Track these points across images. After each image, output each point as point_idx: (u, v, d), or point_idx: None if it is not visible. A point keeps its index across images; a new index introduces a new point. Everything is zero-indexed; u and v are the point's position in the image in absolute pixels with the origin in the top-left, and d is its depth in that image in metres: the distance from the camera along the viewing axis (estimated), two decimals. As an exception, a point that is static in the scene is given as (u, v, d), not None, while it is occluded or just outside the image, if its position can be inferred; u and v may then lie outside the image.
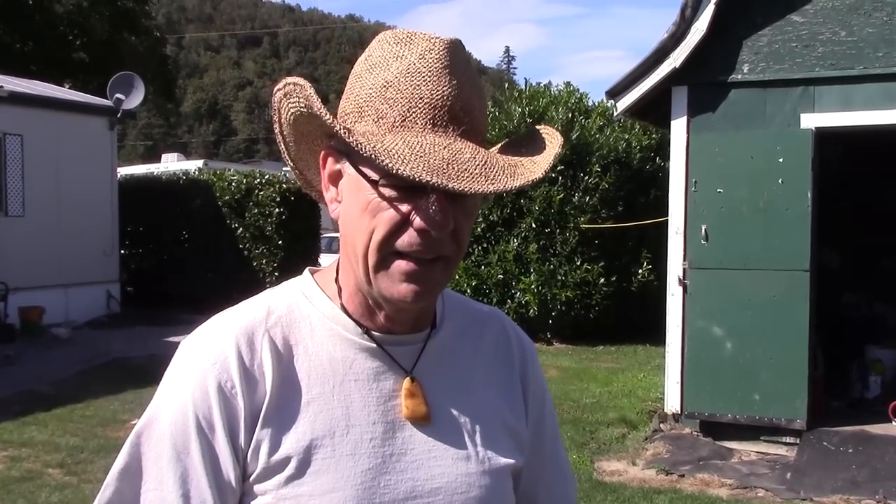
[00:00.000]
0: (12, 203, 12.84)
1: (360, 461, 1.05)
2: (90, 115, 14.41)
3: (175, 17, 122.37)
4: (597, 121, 12.53)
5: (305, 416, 1.05)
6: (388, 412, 1.09)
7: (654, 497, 5.66)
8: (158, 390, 1.09)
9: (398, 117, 1.01)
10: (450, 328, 1.18)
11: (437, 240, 1.02)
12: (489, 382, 1.19)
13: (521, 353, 1.26)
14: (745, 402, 6.74)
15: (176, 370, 1.09)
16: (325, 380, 1.07)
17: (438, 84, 1.02)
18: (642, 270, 12.07)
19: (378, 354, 1.10)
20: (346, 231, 1.07)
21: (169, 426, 1.05)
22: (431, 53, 1.03)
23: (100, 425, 7.55)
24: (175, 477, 1.04)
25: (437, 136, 1.00)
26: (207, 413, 1.04)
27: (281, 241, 14.97)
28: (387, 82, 1.03)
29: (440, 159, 0.97)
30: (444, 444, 1.11)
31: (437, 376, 1.13)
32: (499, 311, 1.31)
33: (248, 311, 1.11)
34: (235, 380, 1.04)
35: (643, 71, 7.04)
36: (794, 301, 6.58)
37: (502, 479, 1.15)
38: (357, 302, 1.11)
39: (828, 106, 6.59)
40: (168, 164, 20.98)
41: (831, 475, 5.99)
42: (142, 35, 29.04)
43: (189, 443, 1.04)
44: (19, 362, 10.45)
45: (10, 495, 5.70)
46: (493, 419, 1.17)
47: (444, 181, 0.95)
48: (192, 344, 1.10)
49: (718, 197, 6.82)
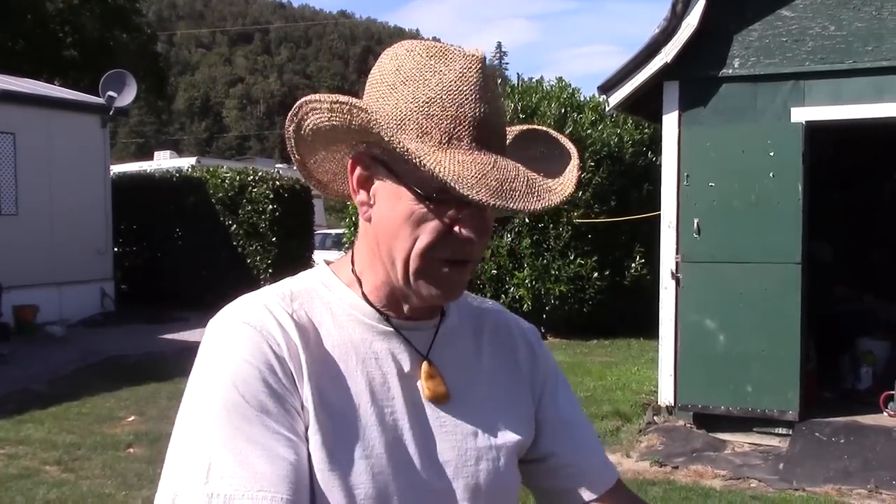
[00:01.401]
0: (5, 202, 12.82)
1: (384, 433, 1.11)
2: (82, 113, 14.39)
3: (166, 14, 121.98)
4: (589, 116, 12.56)
5: (334, 388, 1.10)
6: (405, 390, 1.15)
7: (648, 489, 5.71)
8: (205, 366, 1.09)
9: (444, 135, 1.05)
10: (455, 315, 1.26)
11: (475, 246, 1.11)
12: (493, 364, 1.27)
13: (521, 333, 1.34)
14: (737, 394, 6.79)
15: (219, 342, 1.10)
16: (347, 357, 1.13)
17: (479, 103, 1.07)
18: (635, 265, 12.13)
19: (395, 338, 1.17)
20: (382, 234, 1.12)
21: (238, 390, 1.05)
22: (470, 71, 1.08)
23: (96, 422, 7.57)
24: (266, 430, 1.04)
25: (482, 154, 1.06)
26: (270, 370, 1.07)
27: (275, 237, 14.99)
28: (430, 98, 1.06)
29: (495, 180, 1.03)
30: (455, 421, 1.18)
31: (448, 358, 1.20)
32: (497, 303, 1.39)
33: (272, 293, 1.16)
34: (281, 342, 1.08)
35: (635, 66, 7.07)
36: (786, 294, 6.63)
37: (509, 454, 1.22)
38: (381, 293, 1.17)
39: (818, 100, 6.64)
40: (161, 162, 20.94)
41: (823, 465, 6.05)
42: (133, 32, 29.00)
43: (265, 400, 1.05)
44: (14, 361, 10.46)
45: (9, 492, 5.72)
46: (499, 398, 1.24)
47: (504, 203, 1.02)
48: (227, 318, 1.12)
49: (710, 191, 6.86)
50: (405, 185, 1.08)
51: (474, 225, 1.08)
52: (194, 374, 1.10)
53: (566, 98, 12.92)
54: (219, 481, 1.01)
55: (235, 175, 15.42)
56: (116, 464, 6.34)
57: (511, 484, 1.23)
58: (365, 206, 1.14)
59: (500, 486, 1.20)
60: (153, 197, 15.69)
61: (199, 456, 1.03)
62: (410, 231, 1.08)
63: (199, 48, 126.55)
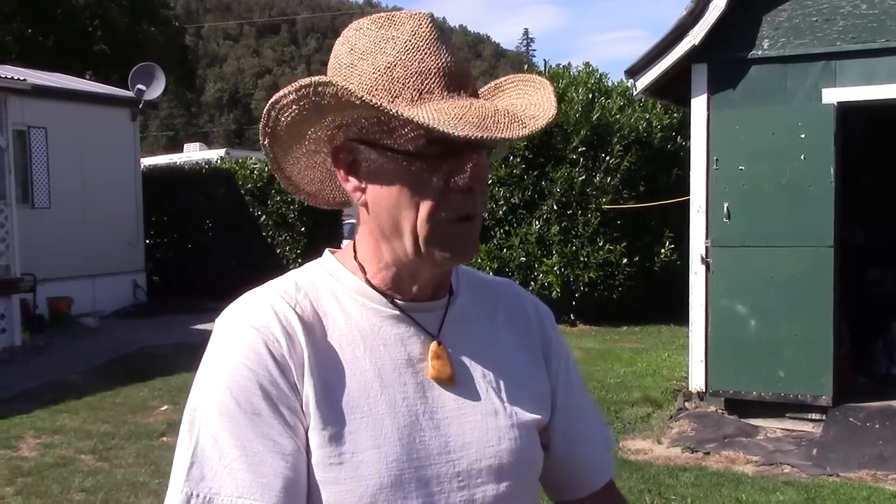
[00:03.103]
0: (38, 195, 13.00)
1: (396, 419, 1.09)
2: (112, 107, 14.55)
3: (193, 7, 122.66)
4: (617, 101, 12.47)
5: (341, 379, 1.09)
6: (418, 374, 1.13)
7: (679, 475, 5.68)
8: (205, 367, 1.10)
9: (414, 92, 1.05)
10: (466, 294, 1.24)
11: (475, 198, 1.09)
12: (508, 343, 1.24)
13: (536, 314, 1.31)
14: (769, 379, 6.73)
15: (220, 343, 1.11)
16: (355, 345, 1.12)
17: (439, 54, 1.07)
18: (665, 250, 12.04)
19: (404, 321, 1.15)
20: (383, 212, 1.10)
21: (231, 393, 1.06)
22: (422, 28, 1.09)
23: (130, 412, 7.67)
24: (255, 435, 1.04)
25: (455, 99, 1.06)
26: (266, 372, 1.06)
27: (303, 227, 15.06)
28: (390, 63, 1.06)
29: (475, 117, 1.02)
30: (472, 402, 1.16)
31: (461, 339, 1.19)
32: (511, 281, 1.37)
33: (277, 287, 1.16)
34: (281, 341, 1.08)
35: (662, 49, 7.00)
36: (819, 278, 6.55)
37: (530, 432, 1.20)
38: (386, 276, 1.15)
39: (850, 80, 6.54)
40: (190, 154, 21.10)
41: (858, 451, 5.98)
42: (161, 26, 29.17)
43: (257, 403, 1.05)
44: (49, 352, 10.62)
45: (45, 481, 5.81)
46: (516, 377, 1.22)
47: (490, 133, 1.01)
48: (230, 317, 1.12)
49: (740, 174, 6.79)
50: (392, 152, 1.07)
51: (471, 173, 1.06)
52: (198, 374, 1.11)
53: (594, 83, 12.83)
54: (200, 482, 1.03)
55: (264, 166, 15.48)
56: (150, 452, 6.42)
57: (535, 462, 1.22)
58: (358, 191, 1.13)
59: (524, 465, 1.19)
60: (183, 189, 15.84)
61: (188, 456, 1.05)
62: (409, 199, 1.07)
63: (226, 40, 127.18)
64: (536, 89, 1.15)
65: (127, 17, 26.91)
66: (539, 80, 1.17)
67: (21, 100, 11.71)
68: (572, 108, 12.01)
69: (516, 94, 1.16)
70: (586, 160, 11.87)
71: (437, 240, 1.09)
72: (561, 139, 11.98)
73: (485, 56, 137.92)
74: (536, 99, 1.13)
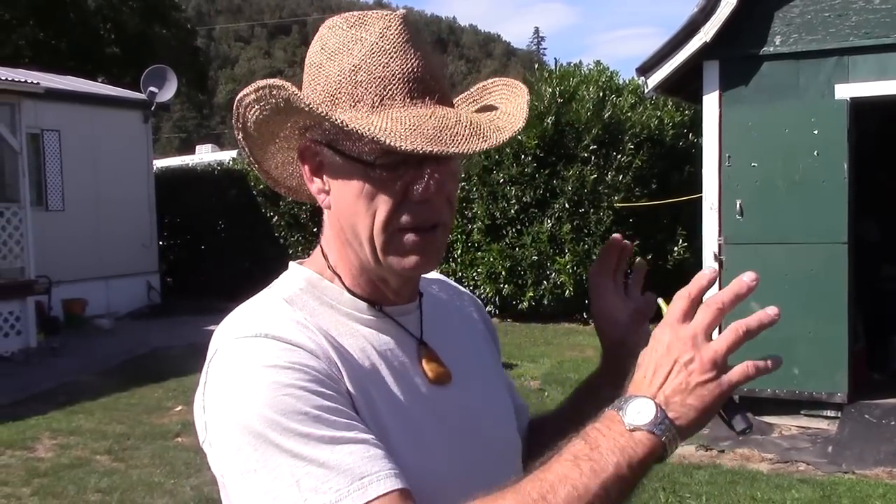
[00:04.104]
0: (52, 198, 13.07)
1: (410, 424, 1.08)
2: (125, 109, 14.61)
3: (204, 10, 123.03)
4: (628, 99, 12.44)
5: (367, 391, 1.06)
6: (416, 376, 1.13)
7: (694, 472, 5.67)
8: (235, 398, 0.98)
9: (376, 98, 1.03)
10: (427, 293, 1.23)
11: (436, 208, 1.06)
12: (469, 333, 1.29)
13: (472, 302, 1.36)
14: (784, 376, 6.69)
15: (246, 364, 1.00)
16: (363, 357, 1.09)
17: (405, 58, 1.04)
18: (678, 248, 12.00)
19: (392, 327, 1.14)
20: (343, 218, 1.08)
21: (291, 398, 0.96)
22: (390, 30, 1.05)
23: (145, 413, 7.71)
24: (335, 428, 0.96)
25: (418, 107, 1.03)
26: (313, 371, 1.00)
27: (316, 228, 15.06)
28: (355, 66, 1.04)
29: (431, 128, 0.99)
30: (467, 396, 1.17)
31: (441, 337, 1.19)
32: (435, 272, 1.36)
33: (272, 309, 1.08)
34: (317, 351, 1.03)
35: (673, 46, 6.98)
36: (833, 274, 6.52)
37: (513, 418, 1.26)
38: (363, 282, 1.13)
39: (863, 76, 6.50)
40: (203, 156, 21.17)
41: (874, 448, 5.95)
42: (173, 28, 29.29)
43: (319, 399, 0.97)
44: (64, 353, 10.68)
45: (61, 481, 5.85)
46: (487, 365, 1.27)
47: (444, 148, 0.98)
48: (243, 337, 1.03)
49: (753, 171, 6.76)
50: (349, 157, 1.04)
51: (427, 185, 1.03)
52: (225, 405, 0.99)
53: (605, 81, 12.81)
54: (314, 495, 0.93)
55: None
56: (165, 453, 6.45)
57: (519, 443, 1.26)
58: (322, 193, 1.11)
59: (517, 448, 1.24)
60: (196, 190, 15.88)
61: (283, 480, 0.94)
62: (366, 206, 1.04)
63: (237, 42, 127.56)
64: (515, 97, 1.13)
65: (139, 19, 27.03)
66: (519, 88, 1.14)
67: (34, 103, 11.78)
68: (583, 107, 11.98)
69: (499, 99, 1.15)
70: (598, 158, 11.85)
71: (394, 249, 1.06)
72: (572, 137, 11.96)
73: (495, 55, 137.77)
74: (511, 108, 1.10)
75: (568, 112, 12.00)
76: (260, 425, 0.96)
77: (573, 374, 8.65)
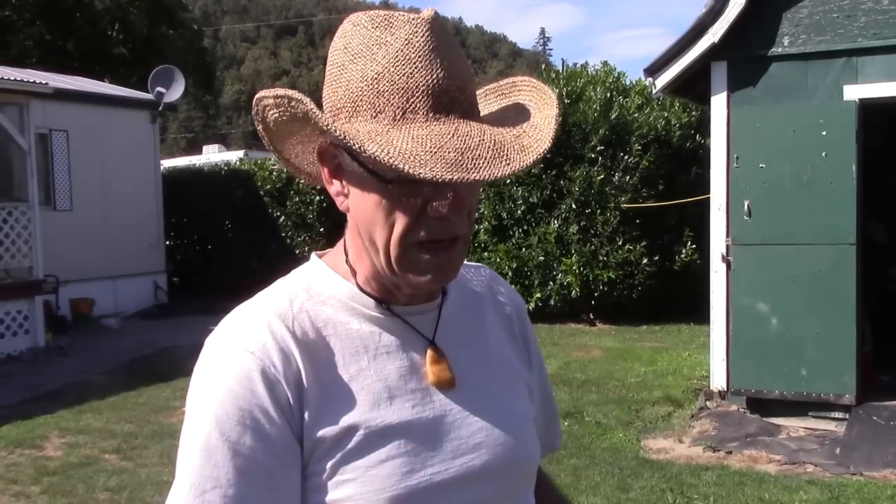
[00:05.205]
0: (60, 198, 13.11)
1: (407, 428, 1.07)
2: (133, 110, 14.65)
3: (211, 10, 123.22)
4: (635, 100, 12.43)
5: (349, 393, 1.07)
6: (422, 379, 1.12)
7: (701, 473, 5.66)
8: (197, 390, 1.06)
9: (398, 111, 1.00)
10: (456, 293, 1.22)
11: (454, 223, 1.04)
12: (498, 338, 1.25)
13: (515, 307, 1.32)
14: (792, 377, 6.69)
15: (213, 365, 1.06)
16: (359, 356, 1.09)
17: (431, 68, 1.00)
18: (685, 249, 11.99)
19: (400, 326, 1.13)
20: (360, 224, 1.08)
21: (217, 421, 1.02)
22: (416, 37, 1.01)
23: (153, 412, 7.73)
24: (234, 468, 1.01)
25: (441, 123, 0.99)
26: (257, 400, 1.03)
27: (322, 228, 15.09)
28: (377, 74, 1.00)
29: (453, 151, 0.96)
30: (476, 402, 1.15)
31: (456, 340, 1.17)
32: (486, 266, 1.35)
33: (271, 302, 1.11)
34: (278, 365, 1.04)
35: (681, 47, 6.98)
36: (841, 275, 6.51)
37: (531, 427, 1.21)
38: (376, 283, 1.13)
39: (871, 77, 6.49)
40: (210, 156, 21.19)
41: (882, 449, 5.94)
42: (180, 28, 29.34)
43: (243, 434, 1.02)
44: (72, 353, 10.71)
45: (70, 480, 5.87)
46: (510, 372, 1.23)
47: (465, 175, 0.94)
48: (224, 336, 1.08)
49: (761, 172, 6.75)
50: (368, 170, 1.02)
51: (448, 201, 1.01)
52: (188, 395, 1.08)
53: (612, 82, 12.80)
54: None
55: (283, 167, 15.52)
56: (173, 452, 6.35)
57: (537, 455, 1.23)
58: (340, 196, 1.10)
59: (530, 461, 1.21)
60: (203, 190, 15.91)
61: (175, 485, 1.06)
62: (384, 218, 1.03)
63: (244, 42, 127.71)
64: (544, 106, 1.09)
65: (146, 20, 27.09)
66: (549, 97, 1.09)
67: (43, 103, 11.82)
68: (590, 108, 11.98)
69: (528, 101, 1.11)
70: (605, 159, 11.85)
71: (409, 263, 1.05)
72: (579, 138, 11.96)
73: (501, 56, 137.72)
74: (539, 119, 1.07)
75: (575, 113, 11.99)
76: (189, 433, 1.05)
77: (580, 375, 8.66)
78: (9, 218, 10.56)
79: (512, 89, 1.15)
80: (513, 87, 1.15)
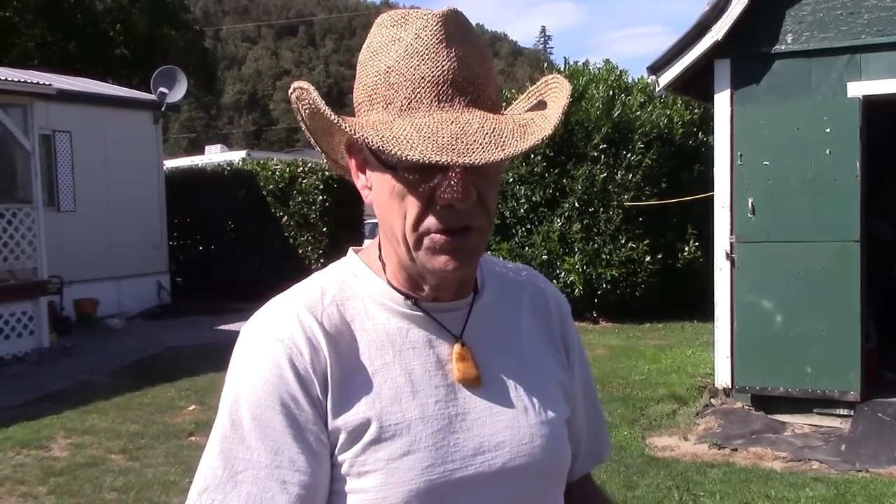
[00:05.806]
0: (63, 198, 13.13)
1: (429, 423, 1.09)
2: (135, 110, 14.66)
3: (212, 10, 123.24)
4: (638, 98, 12.43)
5: (373, 385, 1.09)
6: (447, 375, 1.13)
7: (706, 471, 5.67)
8: (230, 375, 1.11)
9: (404, 101, 1.03)
10: (490, 291, 1.23)
11: (465, 211, 1.05)
12: (533, 339, 1.25)
13: (556, 307, 1.32)
14: (796, 375, 6.70)
15: (245, 353, 1.11)
16: (384, 350, 1.12)
17: (437, 60, 1.04)
18: (688, 247, 11.99)
19: (428, 322, 1.15)
20: (381, 215, 1.11)
21: (249, 405, 1.07)
22: (426, 31, 1.05)
23: (158, 412, 7.74)
24: (265, 449, 1.06)
25: (444, 112, 1.02)
26: (286, 386, 1.06)
27: (325, 227, 15.11)
28: (389, 67, 1.05)
29: (448, 136, 0.98)
30: (502, 400, 1.15)
31: (486, 338, 1.18)
32: (529, 268, 1.36)
33: (303, 294, 1.15)
34: (305, 354, 1.07)
35: (684, 45, 6.98)
36: (845, 272, 6.51)
37: (560, 428, 1.20)
38: (403, 277, 1.15)
39: (875, 73, 6.50)
40: (212, 156, 21.22)
41: (887, 446, 5.94)
42: (181, 29, 29.38)
43: (273, 417, 1.06)
44: (77, 353, 10.72)
45: (77, 480, 5.88)
46: (543, 373, 1.22)
47: (454, 158, 0.96)
48: (256, 326, 1.12)
49: (765, 169, 6.76)
50: (379, 159, 1.06)
51: (452, 190, 1.02)
52: (225, 382, 1.12)
53: (614, 80, 12.80)
54: (204, 493, 1.07)
55: (285, 167, 15.56)
56: (179, 452, 6.48)
57: (566, 457, 1.22)
58: (366, 189, 1.13)
59: (557, 462, 1.20)
60: (205, 190, 15.93)
61: (203, 466, 1.10)
62: (398, 206, 1.06)
63: (244, 42, 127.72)
64: (557, 97, 1.11)
65: (147, 21, 27.12)
66: (566, 89, 1.11)
67: (46, 104, 11.83)
68: (593, 106, 11.99)
69: (552, 97, 1.13)
70: (608, 157, 11.85)
71: (427, 250, 1.07)
72: (582, 136, 11.97)
73: (502, 54, 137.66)
74: (549, 111, 1.09)
75: (577, 111, 12.00)
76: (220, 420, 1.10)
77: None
78: (13, 219, 10.57)
79: (545, 88, 1.17)
80: (545, 86, 1.18)
